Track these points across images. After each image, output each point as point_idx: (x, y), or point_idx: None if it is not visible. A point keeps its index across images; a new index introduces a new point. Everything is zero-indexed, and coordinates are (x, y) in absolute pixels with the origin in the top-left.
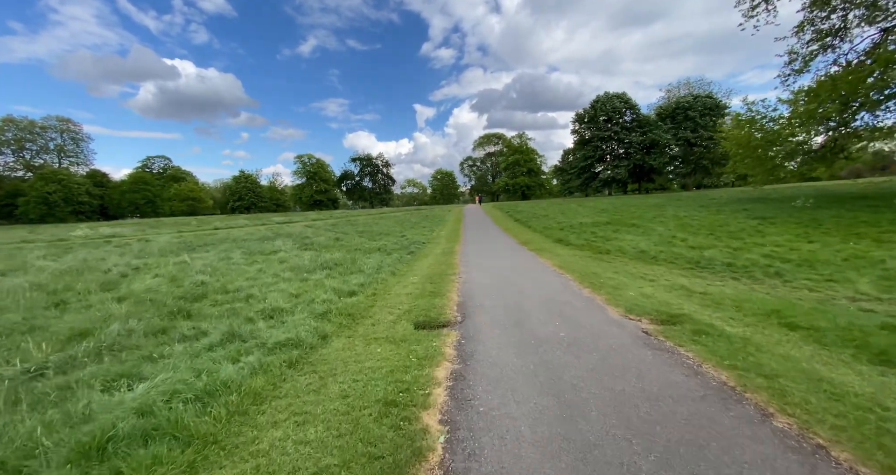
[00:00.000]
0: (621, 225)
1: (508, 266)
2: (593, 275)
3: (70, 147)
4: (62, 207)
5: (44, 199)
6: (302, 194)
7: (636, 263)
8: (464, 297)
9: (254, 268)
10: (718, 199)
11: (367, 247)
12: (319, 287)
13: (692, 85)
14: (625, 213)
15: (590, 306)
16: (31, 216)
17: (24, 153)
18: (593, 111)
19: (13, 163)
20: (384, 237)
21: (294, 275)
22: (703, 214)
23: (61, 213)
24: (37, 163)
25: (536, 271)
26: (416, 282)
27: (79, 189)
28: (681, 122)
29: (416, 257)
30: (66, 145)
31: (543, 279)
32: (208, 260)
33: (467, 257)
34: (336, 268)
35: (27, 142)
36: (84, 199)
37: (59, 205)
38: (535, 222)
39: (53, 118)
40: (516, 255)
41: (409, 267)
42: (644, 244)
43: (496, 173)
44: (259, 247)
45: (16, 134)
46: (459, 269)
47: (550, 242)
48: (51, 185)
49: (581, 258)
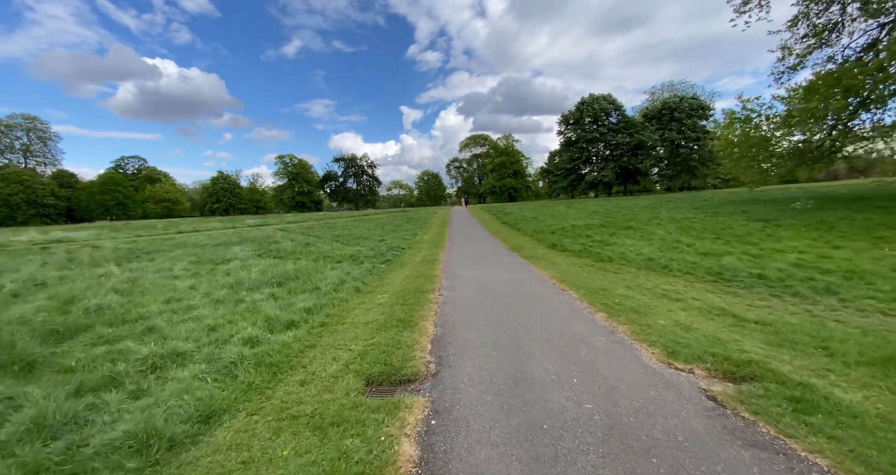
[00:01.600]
0: (616, 228)
1: (499, 279)
2: (603, 291)
3: (37, 146)
4: (25, 210)
5: (4, 201)
6: (283, 196)
7: (647, 274)
8: (442, 329)
9: (186, 284)
10: (710, 201)
11: (338, 255)
12: (251, 314)
13: (676, 87)
14: (617, 215)
15: (614, 345)
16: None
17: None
18: (579, 112)
19: None
20: (361, 242)
21: (230, 294)
22: (700, 217)
23: (23, 215)
24: (0, 163)
25: (533, 286)
26: (383, 304)
27: (44, 190)
28: (667, 122)
29: (391, 267)
30: (32, 145)
31: (543, 298)
32: (142, 271)
33: (451, 267)
34: (288, 284)
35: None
36: (49, 201)
37: (22, 207)
38: (525, 225)
39: (19, 116)
40: (507, 264)
41: (380, 280)
42: (648, 250)
43: (483, 175)
44: (213, 254)
45: None
46: (440, 283)
47: (544, 248)
48: (13, 187)
49: (581, 268)
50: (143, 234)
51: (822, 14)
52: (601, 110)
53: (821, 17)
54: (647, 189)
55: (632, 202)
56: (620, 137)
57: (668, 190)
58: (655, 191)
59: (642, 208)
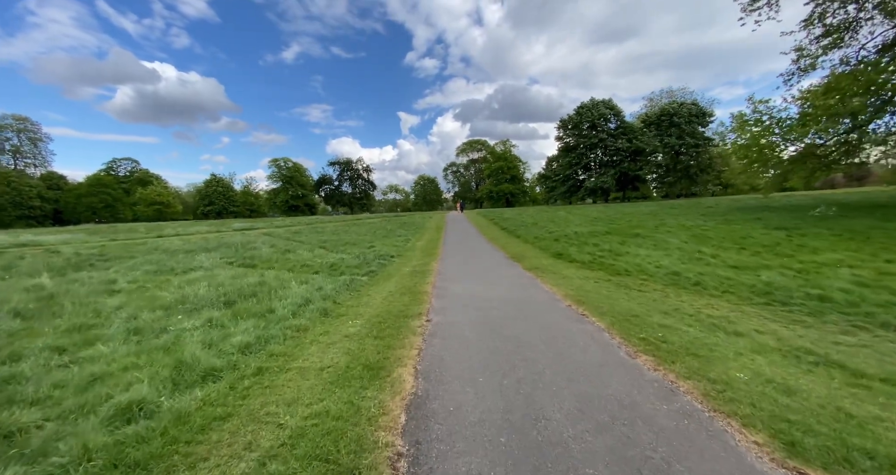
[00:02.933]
0: (624, 235)
1: (501, 297)
2: (634, 319)
3: (27, 147)
4: (9, 211)
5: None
6: (276, 199)
7: (678, 293)
8: (426, 382)
9: (116, 302)
10: (715, 208)
11: (317, 264)
12: (164, 355)
13: (675, 93)
14: (620, 221)
15: (685, 422)
16: None
17: None
18: (578, 117)
19: None
20: (347, 249)
21: (158, 320)
22: (712, 224)
23: (7, 217)
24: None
25: (544, 309)
26: (352, 336)
27: (30, 192)
28: (666, 128)
29: (375, 280)
30: (22, 146)
31: (560, 328)
32: (80, 283)
33: (444, 280)
34: (239, 304)
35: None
36: (35, 204)
37: (6, 209)
38: (525, 231)
39: (9, 117)
40: (509, 278)
41: (357, 298)
42: (668, 261)
43: (480, 180)
44: (177, 262)
45: None
46: (430, 304)
47: (548, 257)
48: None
49: (598, 283)
50: (120, 238)
51: (837, 13)
52: (600, 115)
53: (836, 16)
54: (644, 196)
55: (633, 208)
56: (620, 143)
57: (666, 197)
58: (653, 197)
59: (645, 215)
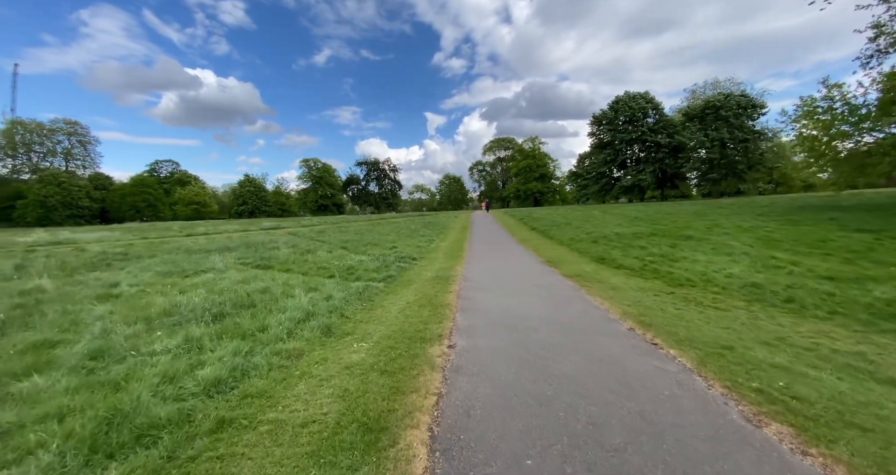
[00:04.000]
0: (673, 237)
1: (541, 314)
2: (730, 353)
3: (77, 150)
4: (60, 211)
5: (41, 202)
6: (306, 199)
7: (768, 312)
8: (447, 463)
9: (102, 310)
10: (772, 207)
11: (334, 266)
12: (103, 395)
13: (720, 84)
14: (664, 221)
15: None
16: (28, 219)
17: (31, 156)
18: (613, 112)
19: (20, 165)
20: (369, 249)
21: (131, 337)
22: (774, 225)
23: (59, 216)
24: (44, 166)
25: (600, 334)
26: (354, 367)
27: (79, 192)
28: (710, 122)
29: (392, 286)
30: (73, 149)
31: (632, 369)
32: (82, 286)
33: (470, 290)
34: (230, 317)
35: (35, 144)
36: (84, 203)
37: (57, 208)
38: (558, 232)
39: (61, 121)
40: (548, 287)
41: (369, 311)
42: (738, 269)
43: (507, 179)
44: (192, 262)
45: (23, 136)
46: (453, 321)
47: (589, 262)
48: (49, 188)
49: (658, 297)
50: (151, 236)
51: None
52: (638, 109)
53: None
54: (684, 194)
55: (674, 208)
56: (660, 138)
57: (708, 195)
58: (692, 196)
59: (691, 215)
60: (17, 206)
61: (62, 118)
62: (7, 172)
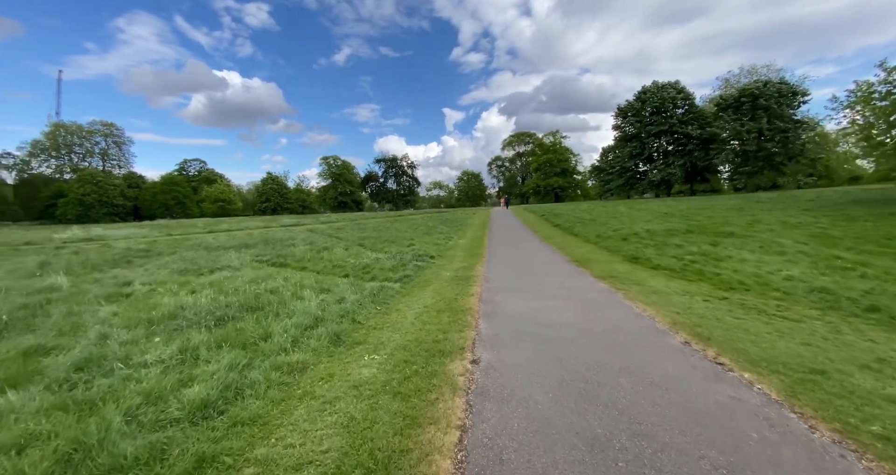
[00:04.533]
0: (712, 234)
1: (577, 322)
2: (824, 380)
3: (113, 151)
4: (97, 208)
5: (80, 200)
6: (326, 196)
7: (851, 323)
8: None
9: (108, 311)
10: (818, 201)
11: (350, 265)
12: (44, 441)
13: (757, 71)
14: (698, 217)
15: None
16: (69, 216)
17: (72, 156)
18: (640, 103)
19: (62, 165)
20: (386, 247)
21: (111, 351)
22: (827, 221)
23: (96, 213)
24: (83, 166)
25: (651, 350)
26: (362, 385)
27: (114, 191)
28: (747, 111)
29: (409, 287)
30: (109, 149)
31: (701, 399)
32: (98, 285)
33: (493, 291)
34: (233, 322)
35: (75, 146)
36: (119, 201)
37: (95, 206)
38: (583, 229)
39: (98, 123)
40: (579, 290)
41: (382, 316)
42: (797, 271)
43: (526, 174)
44: (208, 260)
45: (65, 138)
46: (476, 329)
47: (622, 262)
48: (87, 187)
49: (708, 303)
50: (176, 233)
51: None
52: (667, 100)
53: None
54: (714, 189)
55: (707, 202)
56: (690, 129)
57: (740, 189)
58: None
59: (728, 210)
60: (59, 204)
61: (99, 120)
62: (51, 172)
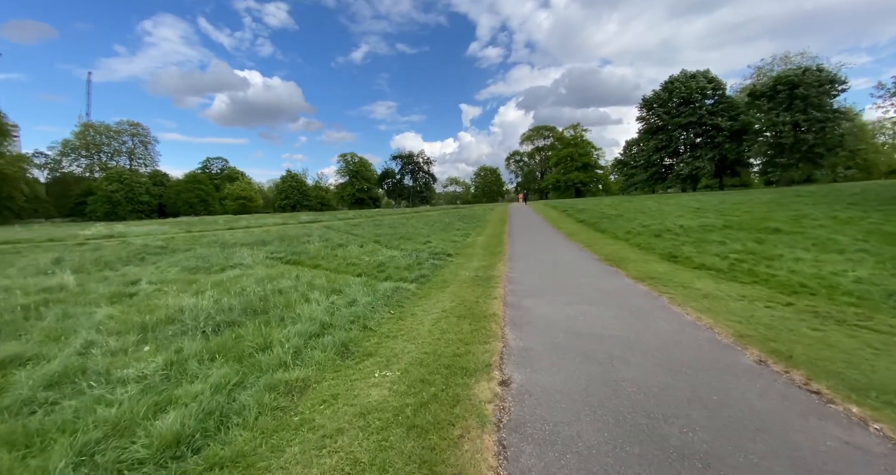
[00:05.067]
0: (756, 231)
1: (622, 335)
2: None
3: (139, 150)
4: (124, 206)
5: (108, 198)
6: (344, 193)
7: None
8: None
9: (105, 313)
10: (864, 194)
11: (364, 263)
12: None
13: (791, 59)
14: (735, 212)
15: None
16: (98, 213)
17: (101, 156)
18: (666, 94)
19: (92, 164)
20: (402, 244)
21: (90, 364)
22: (878, 216)
23: (123, 210)
24: (111, 164)
25: (716, 368)
26: (367, 417)
27: (139, 188)
28: (783, 101)
29: (425, 289)
30: (135, 148)
31: (797, 444)
32: (106, 284)
33: (520, 295)
34: (228, 333)
35: (104, 145)
36: (144, 199)
37: (122, 203)
38: (610, 225)
39: (125, 123)
40: (616, 293)
41: (396, 321)
42: (865, 272)
43: (545, 169)
44: (224, 257)
45: (93, 138)
46: (504, 343)
47: (659, 261)
48: (114, 185)
49: (771, 309)
50: (196, 229)
51: None
52: (695, 90)
53: None
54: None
55: (740, 197)
56: (720, 121)
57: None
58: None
59: (766, 204)
60: (88, 201)
61: (126, 120)
62: (81, 171)
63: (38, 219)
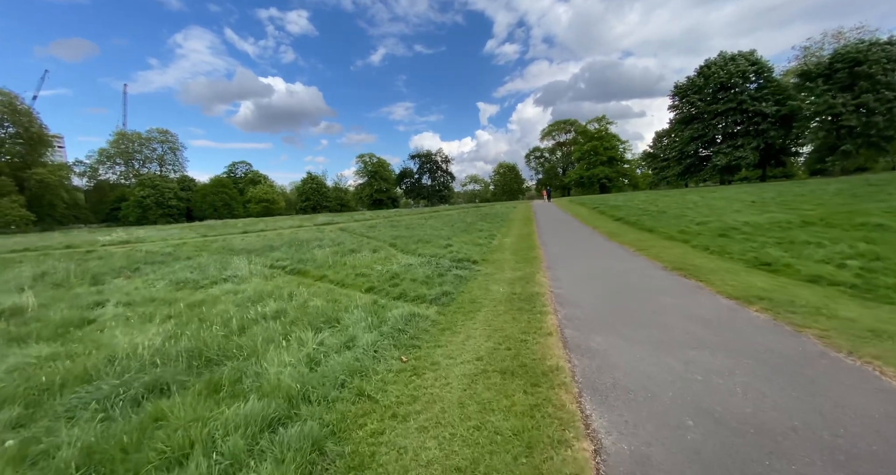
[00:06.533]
0: (849, 228)
1: (801, 424)
2: None
3: (168, 156)
4: (154, 210)
5: (139, 203)
6: (362, 194)
7: None
8: None
9: (25, 357)
10: None
11: (375, 273)
12: None
13: (844, 35)
14: (807, 206)
15: None
16: (131, 218)
17: (133, 163)
18: (702, 79)
19: (127, 171)
20: (419, 248)
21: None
22: None
23: (153, 215)
24: (143, 171)
25: None
26: None
27: (168, 193)
28: (843, 80)
29: (448, 316)
30: (165, 155)
31: None
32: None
33: (581, 328)
34: (160, 402)
35: (136, 153)
36: (173, 203)
37: (152, 208)
38: (655, 223)
39: (155, 130)
40: (728, 327)
41: (408, 380)
42: None
43: (567, 164)
44: (223, 266)
45: (127, 146)
46: (591, 443)
47: (747, 271)
48: (145, 190)
49: None
50: (212, 234)
51: None
52: (735, 74)
53: None
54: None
55: (796, 188)
56: (764, 106)
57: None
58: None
59: (836, 196)
60: (122, 207)
61: (156, 128)
62: (116, 178)
63: (79, 225)
